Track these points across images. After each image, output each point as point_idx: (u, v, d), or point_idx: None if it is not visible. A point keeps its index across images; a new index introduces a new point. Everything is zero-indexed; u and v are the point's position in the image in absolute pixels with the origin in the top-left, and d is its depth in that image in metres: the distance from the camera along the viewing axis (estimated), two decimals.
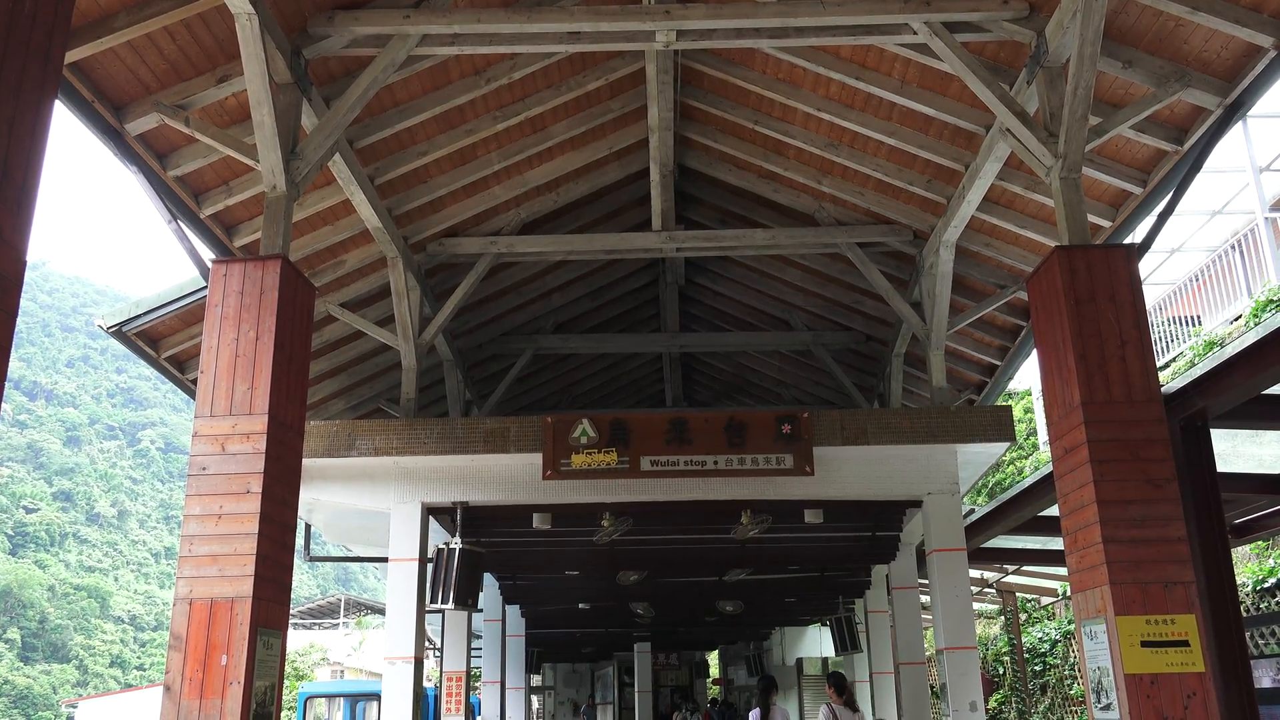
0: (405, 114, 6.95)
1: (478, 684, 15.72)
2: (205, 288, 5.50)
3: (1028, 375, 20.73)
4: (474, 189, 8.31)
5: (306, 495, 8.04)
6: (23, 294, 2.82)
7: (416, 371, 8.42)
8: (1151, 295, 15.05)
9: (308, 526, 11.32)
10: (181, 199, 6.49)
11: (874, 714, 13.54)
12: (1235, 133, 12.18)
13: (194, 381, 8.15)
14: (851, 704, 9.89)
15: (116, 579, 68.68)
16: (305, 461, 7.05)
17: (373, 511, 8.73)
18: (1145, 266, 13.13)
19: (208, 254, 6.67)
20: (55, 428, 77.04)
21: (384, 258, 8.07)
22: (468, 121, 7.46)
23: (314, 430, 8.00)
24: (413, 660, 7.94)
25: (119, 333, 7.55)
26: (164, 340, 7.94)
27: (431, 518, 8.67)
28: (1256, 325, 5.95)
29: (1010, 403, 19.75)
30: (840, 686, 9.84)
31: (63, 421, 78.23)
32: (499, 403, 10.82)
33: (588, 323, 11.54)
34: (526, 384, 12.16)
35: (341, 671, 34.83)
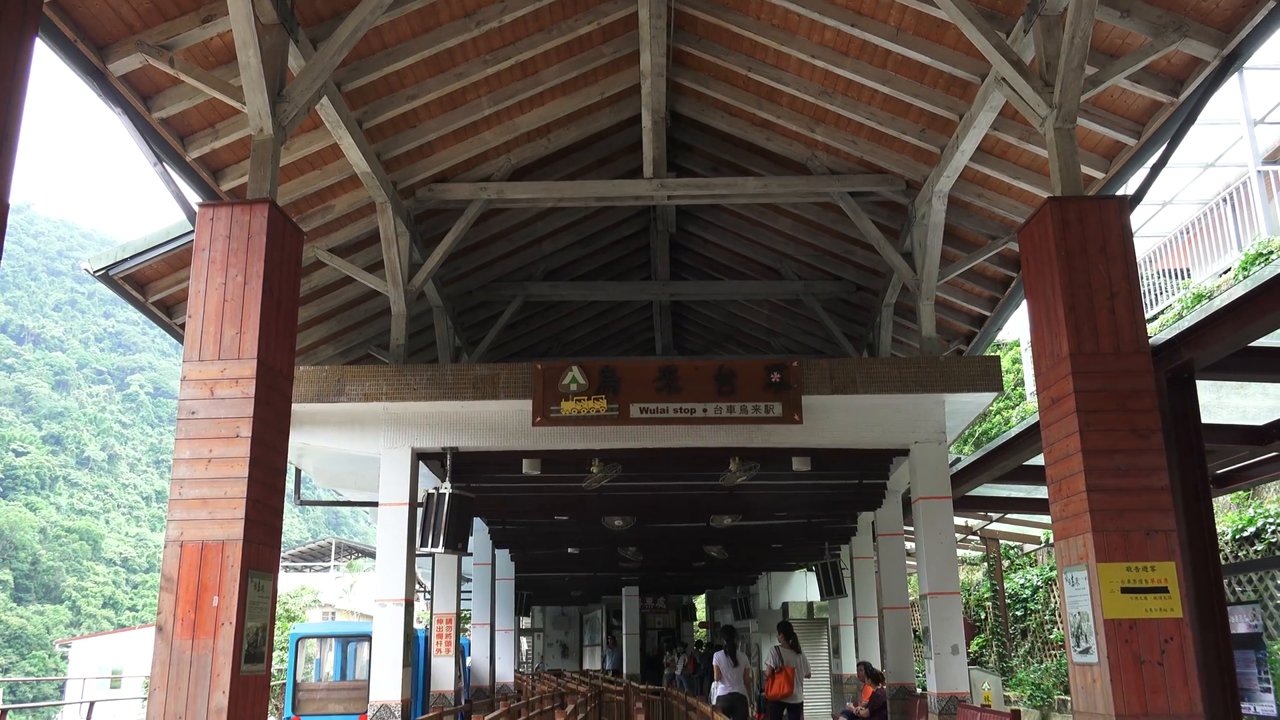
0: (394, 57, 6.84)
1: (468, 626, 15.95)
2: (192, 232, 5.45)
3: (1016, 326, 20.81)
4: (464, 134, 8.22)
5: (296, 440, 8.07)
6: (8, 237, 2.79)
7: (406, 317, 8.40)
8: (1142, 248, 15.04)
9: (298, 471, 11.38)
10: (167, 141, 6.41)
11: (858, 656, 13.81)
12: (1230, 85, 12.08)
13: (182, 326, 8.13)
14: (795, 647, 11.89)
15: (108, 522, 68.95)
16: (295, 406, 7.06)
17: (363, 456, 8.78)
18: (1136, 219, 13.10)
19: (194, 197, 6.60)
20: (44, 371, 76.72)
21: (373, 203, 8.00)
22: (457, 65, 7.35)
23: (303, 375, 8.00)
24: (403, 602, 8.04)
25: (106, 276, 7.50)
26: (151, 284, 7.89)
27: (421, 463, 8.73)
28: (1245, 279, 5.97)
29: (999, 353, 19.84)
30: (788, 633, 12.05)
31: (51, 365, 77.89)
32: (489, 349, 10.81)
33: (578, 270, 11.51)
34: (516, 331, 12.16)
35: (333, 613, 35.21)
